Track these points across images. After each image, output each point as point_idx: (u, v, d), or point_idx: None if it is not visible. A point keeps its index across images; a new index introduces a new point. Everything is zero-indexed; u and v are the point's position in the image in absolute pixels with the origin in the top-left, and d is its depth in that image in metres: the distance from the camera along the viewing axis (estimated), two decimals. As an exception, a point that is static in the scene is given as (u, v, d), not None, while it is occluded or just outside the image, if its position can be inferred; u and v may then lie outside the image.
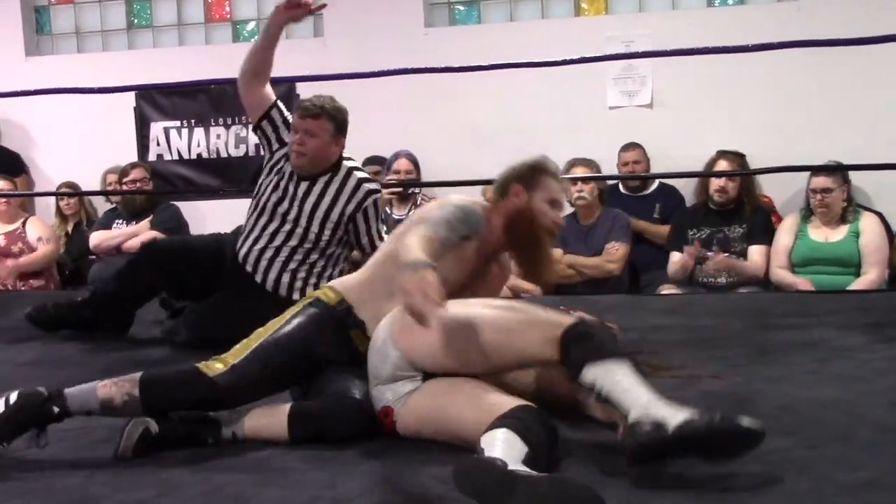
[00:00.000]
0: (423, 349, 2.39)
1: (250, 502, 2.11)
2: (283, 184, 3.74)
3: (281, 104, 3.87)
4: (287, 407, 2.53)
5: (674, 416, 2.08)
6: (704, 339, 3.49)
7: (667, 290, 5.09)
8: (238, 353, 2.52)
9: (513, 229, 2.71)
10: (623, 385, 2.16)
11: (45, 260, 6.00)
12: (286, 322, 2.60)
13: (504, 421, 2.13)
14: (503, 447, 2.04)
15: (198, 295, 3.81)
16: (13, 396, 2.38)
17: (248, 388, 2.49)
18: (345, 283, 2.73)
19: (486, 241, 2.73)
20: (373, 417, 2.47)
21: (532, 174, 2.76)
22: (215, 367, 2.48)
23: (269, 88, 3.83)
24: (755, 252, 5.09)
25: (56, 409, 2.38)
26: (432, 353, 2.38)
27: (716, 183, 5.21)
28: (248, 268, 3.71)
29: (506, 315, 2.35)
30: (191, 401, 2.47)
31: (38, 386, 2.43)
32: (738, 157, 5.46)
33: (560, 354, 2.25)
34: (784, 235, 5.11)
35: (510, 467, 1.96)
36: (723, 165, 5.28)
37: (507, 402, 2.25)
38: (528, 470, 1.97)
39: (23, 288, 5.77)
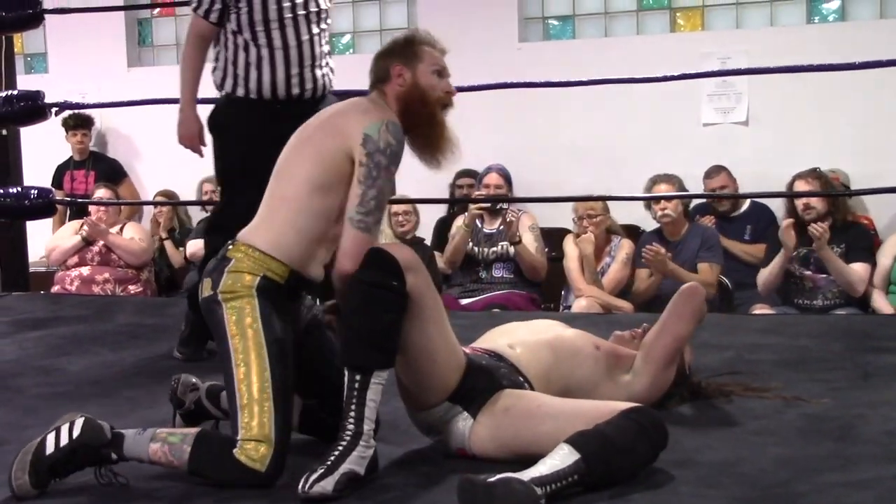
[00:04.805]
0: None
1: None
2: None
3: None
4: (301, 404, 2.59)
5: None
6: (804, 361, 3.42)
7: (760, 309, 5.00)
8: (260, 410, 2.29)
9: (407, 112, 2.53)
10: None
11: (135, 250, 5.98)
12: (267, 330, 2.36)
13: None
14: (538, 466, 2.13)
15: None
16: (77, 427, 2.33)
17: (289, 437, 2.37)
18: (280, 246, 2.43)
19: None
20: None
21: (407, 48, 2.58)
22: (259, 452, 2.27)
23: None
24: (855, 270, 4.93)
25: (114, 456, 2.34)
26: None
27: (800, 202, 5.04)
28: None
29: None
30: (239, 486, 2.30)
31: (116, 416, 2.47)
32: (813, 173, 5.12)
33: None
34: (886, 256, 4.97)
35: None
36: (801, 186, 5.10)
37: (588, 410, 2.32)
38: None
39: (121, 293, 5.90)
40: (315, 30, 3.51)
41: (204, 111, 3.70)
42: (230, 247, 2.47)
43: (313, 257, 2.48)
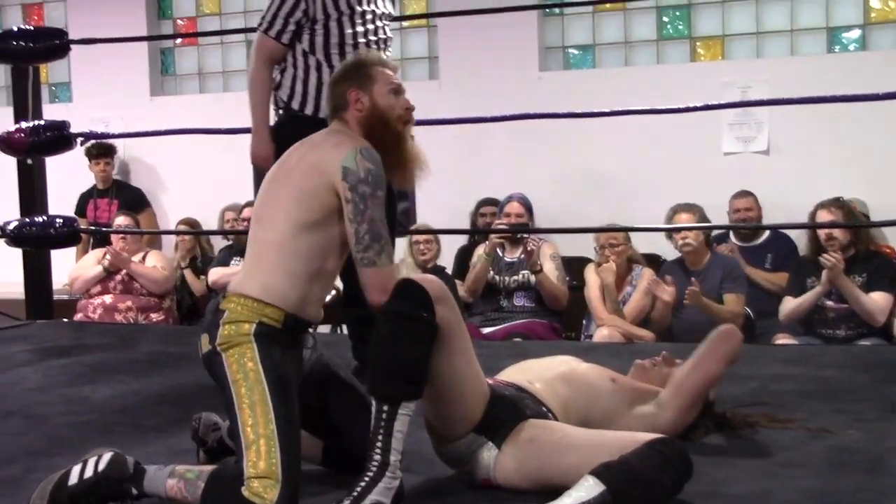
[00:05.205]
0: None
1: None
2: None
3: None
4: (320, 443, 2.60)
5: None
6: (829, 392, 3.40)
7: (783, 339, 4.98)
8: (267, 449, 2.27)
9: (371, 136, 2.54)
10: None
11: (157, 279, 6.02)
12: (268, 371, 2.36)
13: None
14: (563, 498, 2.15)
15: None
16: (104, 461, 2.36)
17: (298, 474, 2.33)
18: (272, 291, 2.42)
19: None
20: None
21: (359, 71, 2.60)
22: (266, 489, 2.23)
23: None
24: (874, 299, 4.90)
25: (135, 491, 2.35)
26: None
27: (822, 232, 5.02)
28: None
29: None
30: None
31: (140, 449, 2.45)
32: (836, 202, 5.10)
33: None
34: (910, 286, 4.94)
35: None
36: (823, 215, 5.08)
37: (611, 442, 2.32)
38: None
39: (143, 321, 5.93)
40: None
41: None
42: (222, 299, 2.49)
43: (308, 298, 2.47)
